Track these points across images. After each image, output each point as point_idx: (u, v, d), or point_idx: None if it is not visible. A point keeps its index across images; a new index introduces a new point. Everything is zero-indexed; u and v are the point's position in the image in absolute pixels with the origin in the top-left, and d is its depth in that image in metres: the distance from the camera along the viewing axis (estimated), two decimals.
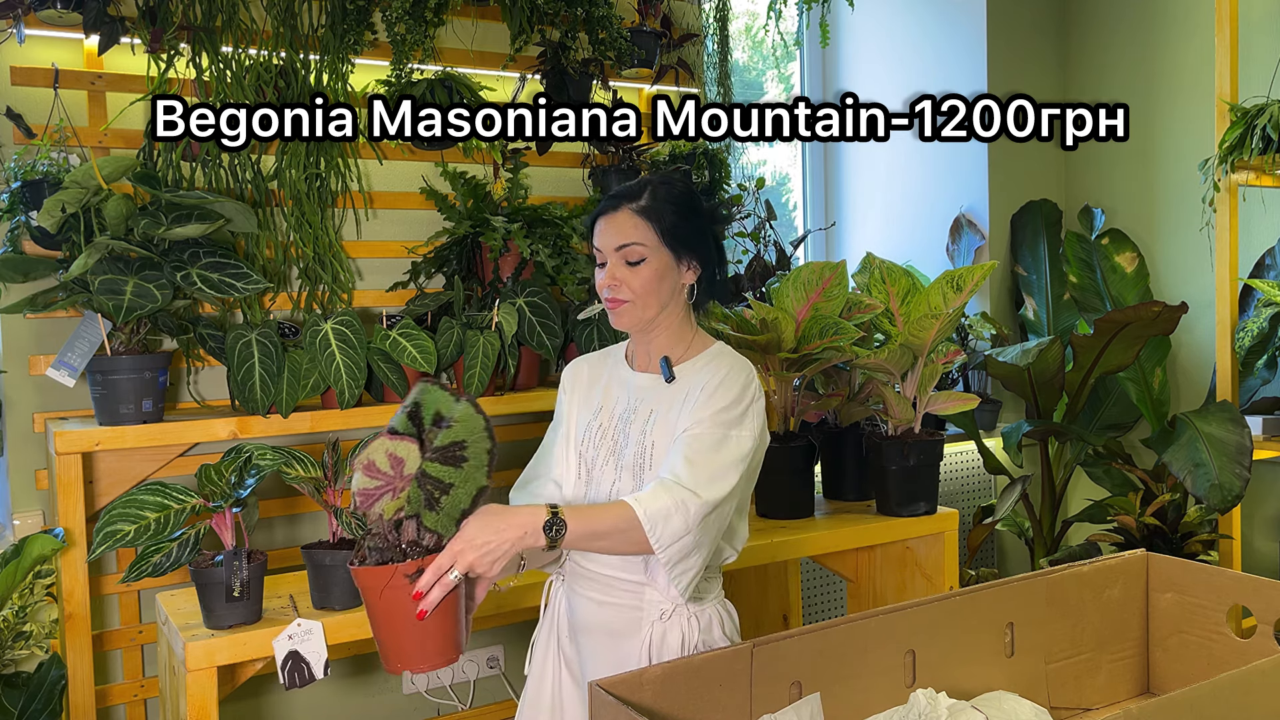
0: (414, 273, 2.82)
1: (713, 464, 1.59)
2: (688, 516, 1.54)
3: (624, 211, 1.67)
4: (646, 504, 1.53)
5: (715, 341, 1.76)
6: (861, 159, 4.21)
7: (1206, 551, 3.11)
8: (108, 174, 2.25)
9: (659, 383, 1.71)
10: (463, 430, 1.38)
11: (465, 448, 1.38)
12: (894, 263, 2.67)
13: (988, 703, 1.67)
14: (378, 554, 1.39)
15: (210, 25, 2.55)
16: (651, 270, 1.65)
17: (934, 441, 2.59)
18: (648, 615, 1.67)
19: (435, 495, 1.37)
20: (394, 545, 1.39)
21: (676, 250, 1.67)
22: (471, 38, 2.95)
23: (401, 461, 1.38)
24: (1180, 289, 3.65)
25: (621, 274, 1.65)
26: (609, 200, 1.70)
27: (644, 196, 1.68)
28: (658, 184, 1.70)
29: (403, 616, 1.37)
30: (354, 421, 2.46)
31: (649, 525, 1.52)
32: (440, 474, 1.37)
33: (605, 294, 1.68)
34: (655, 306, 1.67)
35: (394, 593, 1.36)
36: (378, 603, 1.37)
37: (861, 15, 4.09)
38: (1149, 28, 3.70)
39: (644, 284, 1.65)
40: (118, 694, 2.51)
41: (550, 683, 1.77)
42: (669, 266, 1.67)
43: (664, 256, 1.67)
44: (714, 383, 1.65)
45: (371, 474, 1.38)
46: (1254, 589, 1.84)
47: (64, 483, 2.22)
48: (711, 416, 1.62)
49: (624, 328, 1.70)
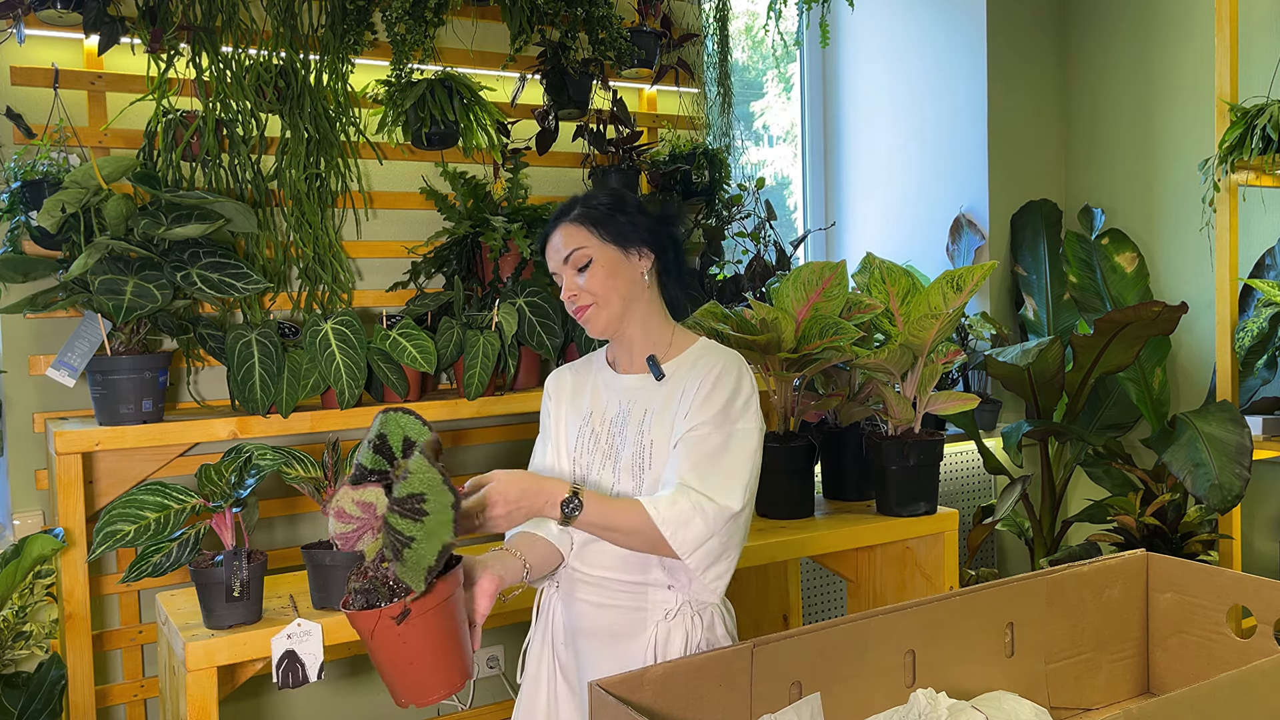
0: (414, 273, 2.82)
1: (723, 467, 1.60)
2: (707, 520, 1.56)
3: (560, 227, 1.72)
4: (663, 509, 1.55)
5: (699, 337, 1.77)
6: (862, 159, 4.21)
7: (1206, 551, 3.11)
8: (108, 174, 2.25)
9: (648, 382, 1.72)
10: (418, 483, 1.31)
11: (424, 500, 1.30)
12: (894, 263, 2.67)
13: (988, 703, 1.67)
14: (363, 596, 1.34)
15: (210, 25, 2.55)
16: (601, 268, 1.69)
17: (934, 441, 2.59)
18: (652, 615, 1.67)
19: (399, 548, 1.31)
20: (382, 582, 1.34)
21: (619, 242, 1.70)
22: (471, 38, 2.95)
23: (371, 505, 1.36)
24: (1180, 289, 3.65)
25: (577, 282, 1.69)
26: (547, 226, 1.75)
27: (574, 209, 1.73)
28: (585, 195, 1.76)
29: (400, 655, 1.34)
30: (354, 421, 2.46)
31: (668, 531, 1.54)
32: (401, 527, 1.30)
33: (571, 306, 1.71)
34: (619, 302, 1.69)
35: (385, 633, 1.33)
36: (371, 643, 1.34)
37: (861, 15, 4.09)
38: (1149, 28, 3.70)
39: (599, 283, 1.68)
40: (118, 694, 2.51)
41: (545, 691, 1.76)
42: (618, 260, 1.70)
43: (609, 252, 1.70)
44: (709, 380, 1.66)
45: (344, 520, 1.36)
46: (1254, 589, 1.84)
47: (64, 483, 2.22)
48: (714, 417, 1.63)
49: (598, 334, 1.72)
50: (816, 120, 4.30)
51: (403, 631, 1.32)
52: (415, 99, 2.68)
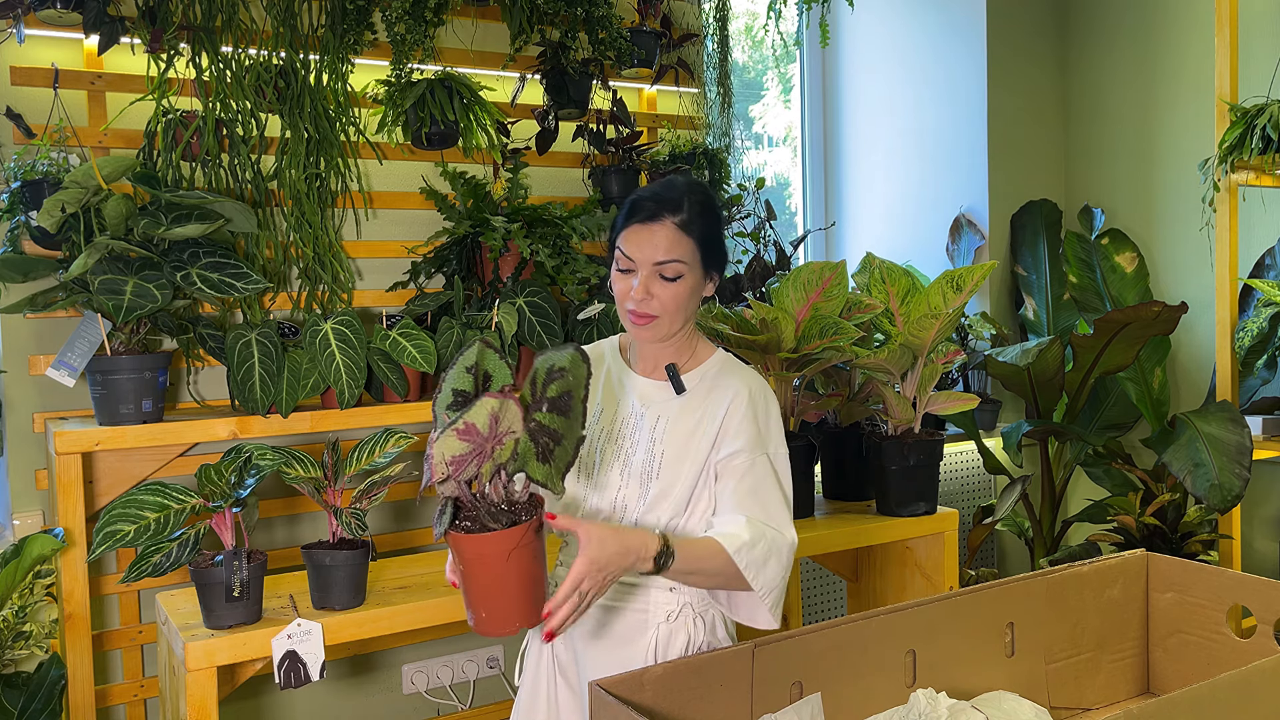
0: (414, 273, 2.82)
1: (775, 496, 1.62)
2: (781, 559, 1.58)
3: (666, 224, 1.60)
4: (744, 554, 1.54)
5: (715, 349, 1.75)
6: (862, 159, 4.21)
7: (1206, 551, 3.11)
8: (108, 174, 2.24)
9: (666, 390, 1.70)
10: (572, 380, 1.37)
11: (573, 397, 1.37)
12: (894, 263, 2.67)
13: (988, 703, 1.67)
14: (475, 524, 1.36)
15: (210, 25, 2.55)
16: (687, 287, 1.62)
17: (934, 441, 2.59)
18: (654, 617, 1.67)
19: (550, 447, 1.35)
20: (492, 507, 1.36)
21: (707, 266, 1.66)
22: (471, 38, 2.95)
23: (498, 420, 1.34)
24: (1180, 289, 3.65)
25: (655, 288, 1.60)
26: (646, 206, 1.62)
27: (684, 208, 1.61)
28: (692, 193, 1.64)
29: (528, 573, 1.37)
30: (354, 421, 2.46)
31: (751, 574, 1.55)
32: (554, 424, 1.36)
33: (631, 305, 1.62)
34: (682, 320, 1.65)
35: (522, 551, 1.35)
36: (503, 566, 1.35)
37: (861, 15, 4.09)
38: (1149, 28, 3.70)
39: (677, 300, 1.62)
40: (118, 694, 2.51)
41: (545, 692, 1.75)
42: (700, 282, 1.66)
43: (698, 273, 1.64)
44: (738, 406, 1.64)
45: (468, 437, 1.33)
46: (1254, 589, 1.84)
47: (64, 483, 2.22)
48: (748, 444, 1.63)
49: (648, 340, 1.67)
50: (816, 120, 4.30)
51: (518, 553, 1.34)
52: (415, 99, 2.68)
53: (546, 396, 1.37)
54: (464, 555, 1.36)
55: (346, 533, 2.02)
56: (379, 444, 2.10)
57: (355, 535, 2.01)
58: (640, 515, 1.65)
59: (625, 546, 1.44)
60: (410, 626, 2.09)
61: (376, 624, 2.05)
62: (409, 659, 2.92)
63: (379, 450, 2.09)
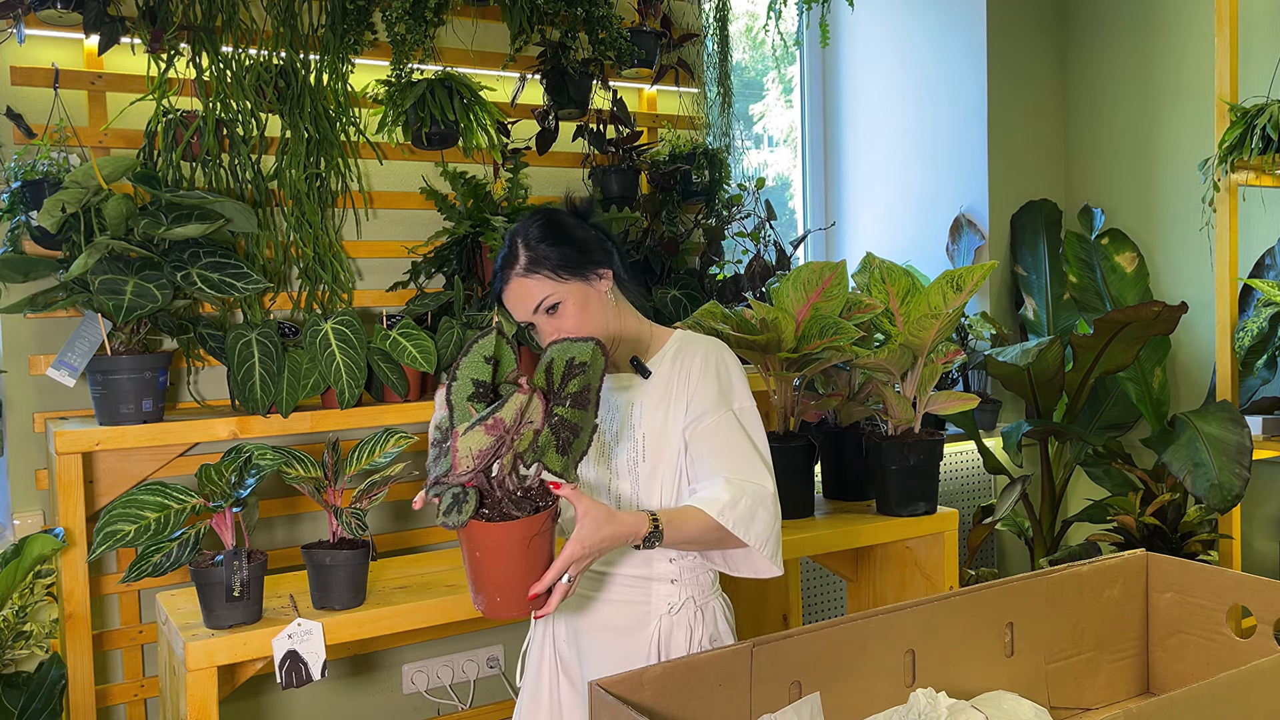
0: (414, 273, 2.82)
1: (747, 450, 1.64)
2: (769, 509, 1.61)
3: (514, 281, 1.67)
4: (729, 512, 1.57)
5: (674, 330, 1.79)
6: (862, 159, 4.21)
7: (1206, 551, 3.11)
8: (108, 174, 2.25)
9: (634, 380, 1.74)
10: (592, 374, 1.42)
11: (590, 389, 1.41)
12: (894, 263, 2.67)
13: (988, 702, 1.67)
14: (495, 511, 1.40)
15: (210, 25, 2.55)
16: (573, 304, 1.67)
17: (934, 441, 2.59)
18: (655, 610, 1.69)
19: (569, 440, 1.40)
20: (511, 495, 1.40)
21: (578, 275, 1.68)
22: (471, 38, 2.95)
23: (523, 414, 1.37)
24: (1180, 289, 3.65)
25: (554, 324, 1.67)
26: (498, 273, 1.70)
27: (519, 255, 1.67)
28: (519, 233, 1.69)
29: (546, 556, 1.41)
30: (354, 421, 2.46)
31: (741, 530, 1.57)
32: (574, 418, 1.40)
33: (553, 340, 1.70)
34: (599, 327, 1.69)
35: (543, 536, 1.39)
36: (525, 551, 1.39)
37: (861, 15, 4.09)
38: (1149, 28, 3.70)
39: (575, 319, 1.67)
40: (118, 694, 2.51)
41: (547, 689, 1.76)
42: (584, 291, 1.68)
43: (573, 285, 1.67)
44: (696, 369, 1.69)
45: (495, 431, 1.37)
46: (1254, 589, 1.84)
47: (64, 483, 2.22)
48: (712, 403, 1.66)
49: None
50: (816, 120, 4.30)
51: (539, 539, 1.39)
52: (415, 99, 2.68)
53: (569, 392, 1.41)
54: (485, 543, 1.39)
55: (347, 532, 2.02)
56: (379, 444, 2.10)
57: (355, 535, 2.01)
58: (639, 499, 1.69)
59: (616, 532, 1.48)
60: (410, 626, 2.09)
61: (377, 624, 2.06)
62: (409, 659, 2.92)
63: (379, 450, 2.09)
